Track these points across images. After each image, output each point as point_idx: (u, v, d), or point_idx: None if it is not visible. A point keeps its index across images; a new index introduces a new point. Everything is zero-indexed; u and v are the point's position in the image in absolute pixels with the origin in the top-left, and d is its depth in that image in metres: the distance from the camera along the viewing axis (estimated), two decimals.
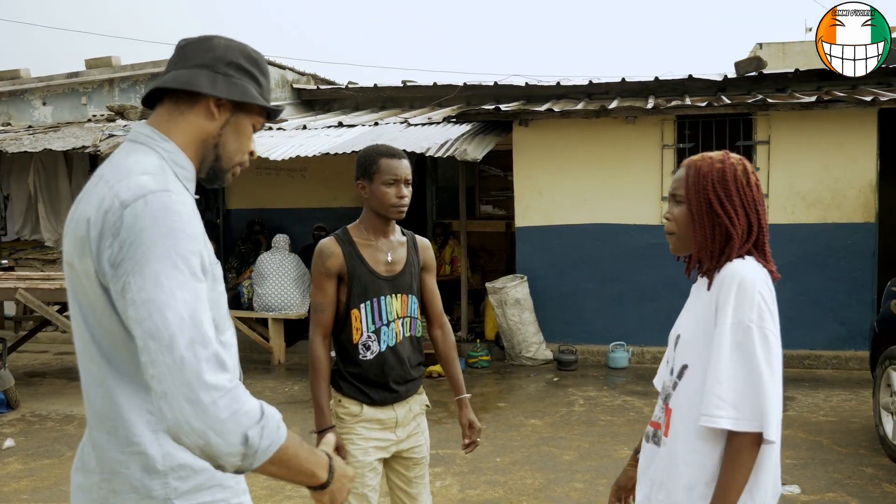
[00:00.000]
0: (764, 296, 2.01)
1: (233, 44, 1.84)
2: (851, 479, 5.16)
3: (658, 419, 2.21)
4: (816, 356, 8.31)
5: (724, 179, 2.09)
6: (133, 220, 1.57)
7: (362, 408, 3.03)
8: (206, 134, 1.80)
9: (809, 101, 7.89)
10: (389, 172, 2.99)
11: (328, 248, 3.03)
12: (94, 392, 1.70)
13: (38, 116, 13.00)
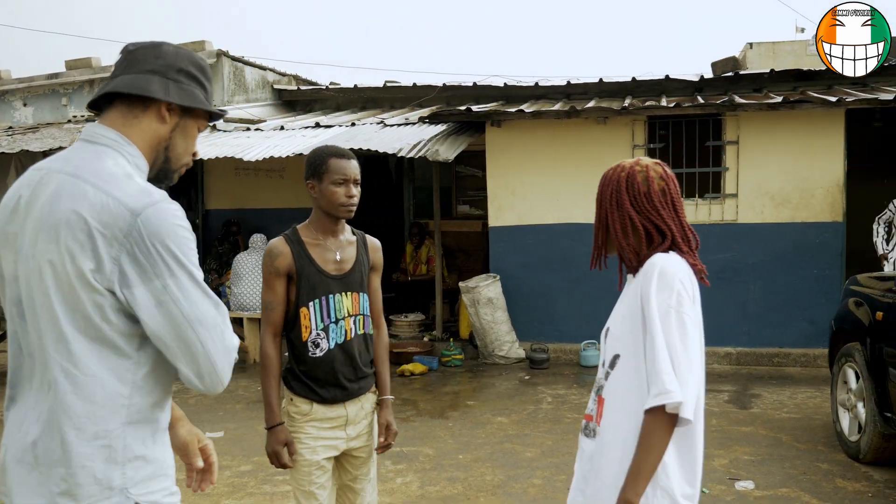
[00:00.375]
0: (683, 283, 2.11)
1: (181, 51, 1.94)
2: (806, 475, 5.24)
3: (591, 411, 2.27)
4: (786, 354, 8.40)
5: (619, 189, 2.25)
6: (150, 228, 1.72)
7: (312, 406, 3.06)
8: (158, 137, 1.90)
9: (776, 102, 7.97)
10: (338, 172, 3.03)
11: (277, 247, 3.07)
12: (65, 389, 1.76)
13: (18, 117, 13.02)
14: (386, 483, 5.25)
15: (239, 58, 12.11)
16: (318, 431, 3.07)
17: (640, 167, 2.27)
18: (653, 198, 2.23)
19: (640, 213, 2.23)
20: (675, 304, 2.07)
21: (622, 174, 2.26)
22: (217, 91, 11.80)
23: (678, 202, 2.26)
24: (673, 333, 2.05)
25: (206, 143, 9.45)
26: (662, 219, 2.22)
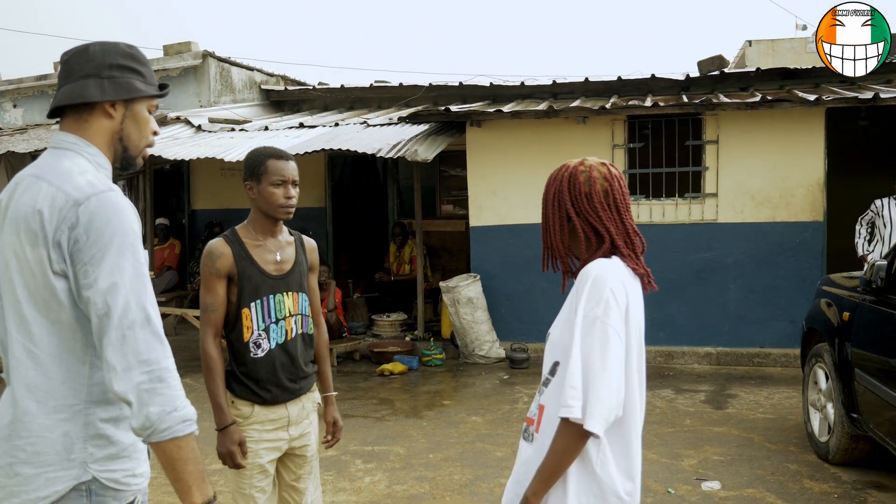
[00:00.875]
0: (615, 292, 2.08)
1: (108, 46, 2.05)
2: (774, 476, 5.23)
3: (532, 415, 2.26)
4: (766, 354, 8.39)
5: (561, 189, 2.24)
6: (88, 217, 1.85)
7: (254, 408, 3.06)
8: (111, 133, 2.04)
9: (755, 101, 7.96)
10: (276, 173, 3.04)
11: (217, 248, 3.07)
12: (27, 367, 1.92)
13: (8, 119, 13.04)
14: (354, 482, 5.26)
15: (225, 58, 12.13)
16: (260, 434, 3.07)
17: (583, 167, 2.24)
18: (593, 198, 2.20)
19: (580, 214, 2.21)
20: (602, 313, 2.05)
21: (565, 174, 2.25)
22: (203, 91, 11.82)
23: (622, 204, 2.23)
24: (593, 344, 2.04)
25: (190, 144, 9.45)
26: (601, 220, 2.19)
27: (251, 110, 12.13)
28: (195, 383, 8.03)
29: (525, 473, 2.21)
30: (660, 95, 9.57)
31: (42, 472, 1.90)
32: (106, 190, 1.89)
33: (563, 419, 2.04)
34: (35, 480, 1.91)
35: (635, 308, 2.16)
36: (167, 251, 11.45)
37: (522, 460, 2.25)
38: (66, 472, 1.91)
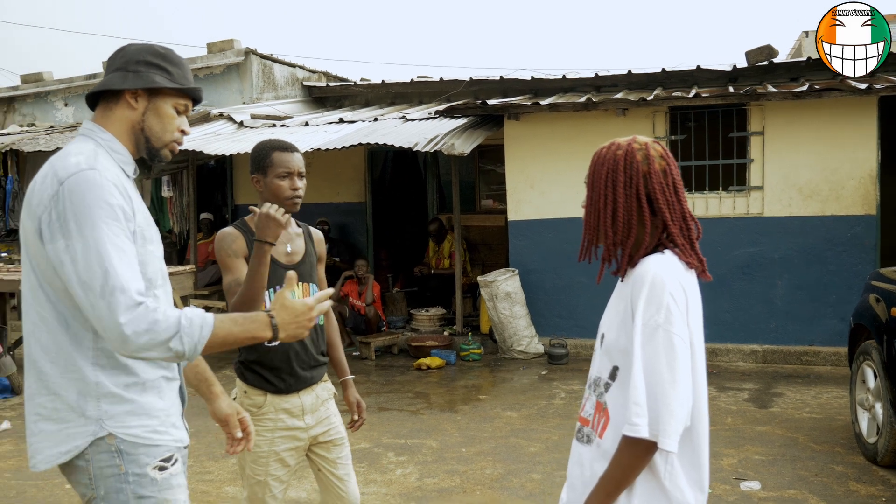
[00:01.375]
0: (674, 296, 1.93)
1: (142, 46, 2.24)
2: (818, 477, 5.03)
3: (588, 416, 2.12)
4: (815, 352, 8.13)
5: (616, 168, 2.02)
6: (66, 192, 1.97)
7: (266, 397, 3.05)
8: (132, 122, 2.19)
9: (802, 90, 7.71)
10: (282, 165, 3.01)
11: (231, 233, 3.06)
12: (41, 330, 2.06)
13: (60, 117, 13.30)
14: (385, 474, 5.21)
15: (268, 55, 12.19)
16: (275, 423, 3.06)
17: (638, 145, 2.05)
18: (651, 178, 2.00)
19: (636, 195, 2.01)
20: (664, 321, 1.90)
21: (618, 152, 2.04)
22: (246, 88, 11.90)
23: (679, 185, 2.04)
24: (658, 356, 1.89)
25: (231, 140, 9.51)
26: (659, 203, 2.00)
27: (293, 106, 12.18)
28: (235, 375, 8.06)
29: (579, 477, 2.09)
30: (705, 87, 9.33)
31: (61, 427, 2.05)
32: (88, 169, 2.01)
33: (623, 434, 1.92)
34: (56, 436, 2.05)
35: (694, 306, 2.00)
36: (211, 245, 11.53)
37: (579, 463, 2.11)
38: (84, 429, 2.04)
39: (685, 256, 2.02)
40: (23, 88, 13.66)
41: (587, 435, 2.09)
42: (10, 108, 13.78)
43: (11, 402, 7.35)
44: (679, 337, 1.90)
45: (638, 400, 1.89)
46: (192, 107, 2.30)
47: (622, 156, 2.03)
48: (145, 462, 2.08)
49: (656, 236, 2.02)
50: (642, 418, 1.88)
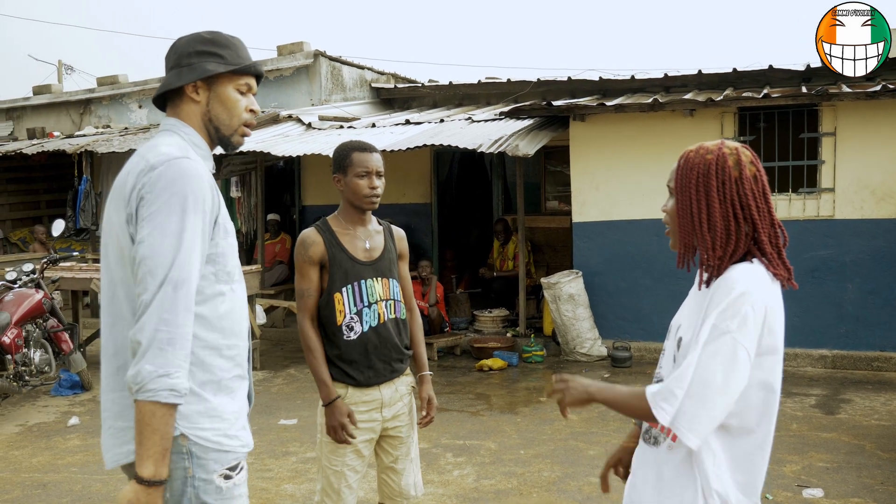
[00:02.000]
0: (754, 308, 1.91)
1: (190, 37, 2.23)
2: (883, 486, 4.93)
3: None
4: (886, 358, 7.91)
5: (707, 173, 2.00)
6: (156, 178, 1.98)
7: (347, 390, 3.18)
8: (199, 114, 2.21)
9: (875, 90, 7.52)
10: (361, 165, 3.19)
11: (310, 237, 3.23)
12: (117, 327, 2.07)
13: (134, 119, 13.74)
14: (442, 475, 5.27)
15: (336, 57, 12.39)
16: (354, 414, 3.17)
17: (728, 149, 2.02)
18: (743, 184, 1.98)
19: (728, 202, 1.99)
20: (736, 328, 1.88)
21: (709, 157, 2.01)
22: (315, 90, 12.12)
23: (768, 192, 2.02)
24: (716, 358, 1.88)
25: (299, 141, 9.70)
26: (751, 210, 1.99)
27: (361, 108, 12.34)
28: (299, 374, 8.24)
29: (643, 479, 2.11)
30: (778, 87, 9.15)
31: (132, 424, 1.98)
32: (182, 157, 2.03)
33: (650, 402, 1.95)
34: (126, 433, 2.03)
35: (775, 318, 1.97)
36: (278, 246, 11.79)
37: (643, 464, 2.13)
38: None
39: (773, 267, 1.99)
40: (99, 91, 14.12)
41: (654, 436, 2.10)
42: (87, 110, 14.28)
43: (81, 398, 7.62)
44: (745, 349, 1.88)
45: (675, 389, 1.91)
46: (257, 83, 2.28)
47: (713, 160, 2.00)
48: (213, 469, 2.06)
49: (745, 244, 2.00)
50: (671, 406, 1.90)
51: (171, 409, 1.90)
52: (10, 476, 5.46)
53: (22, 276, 7.36)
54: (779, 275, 1.99)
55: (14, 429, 6.62)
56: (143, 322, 1.90)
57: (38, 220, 13.75)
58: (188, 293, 1.95)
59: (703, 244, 2.01)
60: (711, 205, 1.98)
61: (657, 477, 2.06)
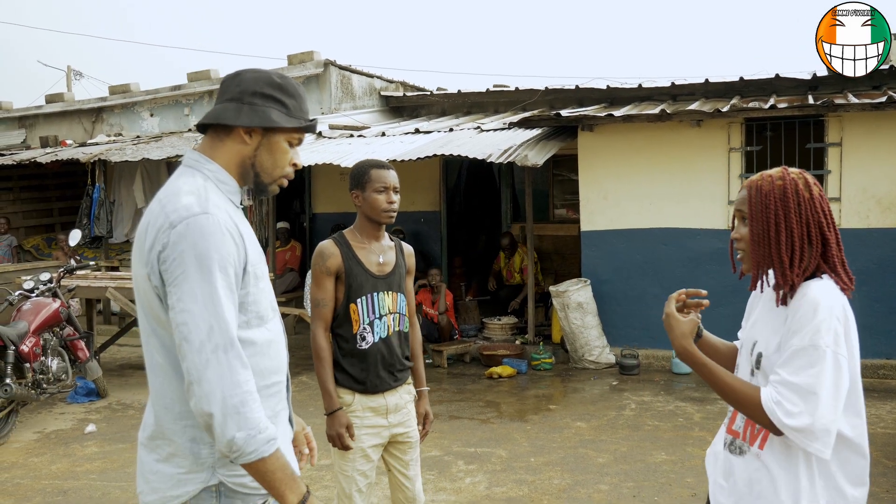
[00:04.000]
0: (839, 318, 2.08)
1: (259, 74, 2.12)
2: (888, 494, 5.02)
3: (739, 428, 2.29)
4: (893, 366, 7.99)
5: (784, 197, 2.17)
6: (177, 239, 1.92)
7: (355, 396, 3.35)
8: (242, 156, 2.11)
9: (881, 101, 7.60)
10: (379, 181, 3.35)
11: (328, 249, 3.38)
12: (154, 375, 2.06)
13: (146, 127, 13.87)
14: (454, 482, 5.36)
15: (346, 66, 12.50)
16: (362, 420, 3.34)
17: (795, 174, 2.21)
18: (815, 204, 2.17)
19: (807, 222, 2.17)
20: (832, 343, 2.05)
21: (781, 183, 2.19)
22: (325, 99, 12.23)
23: (830, 210, 2.21)
24: (827, 374, 2.04)
25: (310, 150, 9.80)
26: (821, 227, 2.17)
27: (371, 116, 12.46)
28: (311, 381, 8.34)
29: (724, 489, 2.28)
30: (784, 96, 9.24)
31: (176, 472, 2.03)
32: (200, 213, 1.94)
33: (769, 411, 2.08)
34: (170, 480, 2.04)
35: (853, 327, 2.14)
36: (288, 253, 11.90)
37: (728, 474, 2.29)
38: (196, 475, 2.03)
39: (841, 281, 2.16)
40: (111, 99, 14.27)
41: (739, 447, 2.26)
42: (99, 119, 14.43)
43: (97, 405, 7.73)
44: (845, 358, 2.06)
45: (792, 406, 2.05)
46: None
47: (786, 185, 2.18)
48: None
49: (816, 261, 2.16)
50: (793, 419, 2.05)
51: (275, 453, 1.95)
52: (31, 483, 5.58)
53: (39, 286, 7.48)
54: (846, 288, 2.16)
55: (32, 436, 6.74)
56: (207, 393, 1.89)
57: (50, 227, 13.92)
58: (238, 352, 1.94)
59: (779, 264, 2.17)
60: (790, 226, 2.16)
61: (747, 485, 2.22)
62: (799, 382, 2.06)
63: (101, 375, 7.84)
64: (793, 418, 2.04)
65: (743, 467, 2.23)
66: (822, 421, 2.03)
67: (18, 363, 6.66)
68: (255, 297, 2.06)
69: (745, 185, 2.26)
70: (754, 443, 2.22)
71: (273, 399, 2.14)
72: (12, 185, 13.60)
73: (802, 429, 2.04)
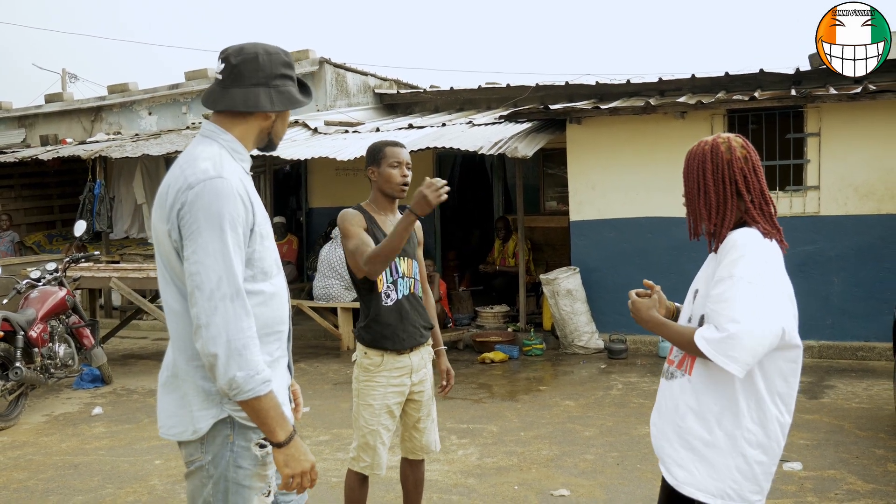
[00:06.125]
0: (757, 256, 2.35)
1: (273, 56, 2.36)
2: (858, 459, 5.29)
3: (675, 358, 2.61)
4: (870, 348, 8.28)
5: (704, 159, 2.46)
6: (194, 199, 2.15)
7: (384, 356, 3.64)
8: (263, 128, 2.40)
9: (856, 92, 7.90)
10: (393, 157, 3.67)
11: (354, 213, 3.66)
12: (171, 320, 2.29)
13: (144, 125, 14.11)
14: (447, 454, 5.63)
15: (341, 64, 12.77)
16: (388, 379, 3.65)
17: (721, 139, 2.49)
18: (733, 164, 2.44)
19: (722, 181, 2.44)
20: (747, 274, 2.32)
21: (705, 147, 2.49)
22: (320, 96, 12.49)
23: (759, 168, 2.48)
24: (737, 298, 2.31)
25: (306, 145, 10.06)
26: (739, 184, 2.44)
27: (365, 113, 12.72)
28: (308, 368, 8.62)
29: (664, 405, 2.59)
30: (768, 90, 9.53)
31: (189, 410, 2.26)
32: (215, 177, 2.18)
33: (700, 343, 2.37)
34: (186, 415, 2.27)
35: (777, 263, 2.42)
36: (285, 247, 12.14)
37: (666, 395, 2.60)
38: (207, 412, 2.25)
39: (764, 228, 2.44)
40: (109, 98, 14.51)
41: (672, 373, 2.59)
42: (98, 118, 14.66)
43: (102, 391, 8.00)
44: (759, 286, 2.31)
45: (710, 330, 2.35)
46: None
47: (708, 149, 2.49)
48: (251, 437, 2.28)
49: (736, 214, 2.46)
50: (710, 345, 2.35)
51: (269, 393, 2.18)
52: (43, 459, 5.83)
53: (45, 275, 7.74)
54: (769, 232, 2.44)
55: (41, 418, 6.99)
56: (214, 335, 2.12)
57: (51, 224, 14.16)
58: (243, 301, 2.16)
59: (703, 217, 2.49)
60: (707, 185, 2.46)
61: (675, 405, 2.53)
62: (718, 308, 2.35)
63: (105, 362, 8.08)
64: (713, 334, 2.33)
65: (675, 390, 2.54)
66: (740, 340, 2.29)
67: (27, 348, 6.91)
68: (260, 255, 2.29)
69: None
70: (683, 368, 2.53)
71: (273, 346, 2.36)
72: (14, 182, 13.84)
73: (720, 341, 2.31)
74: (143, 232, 13.02)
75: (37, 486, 5.26)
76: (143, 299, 8.73)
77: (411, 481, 3.93)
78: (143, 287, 8.90)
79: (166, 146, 10.88)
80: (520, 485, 5.02)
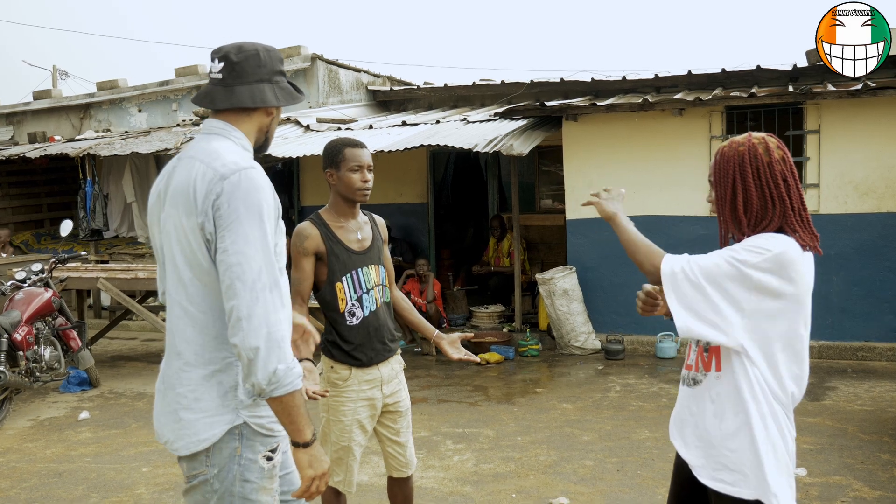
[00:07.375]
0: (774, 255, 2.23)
1: (271, 52, 2.38)
2: (863, 465, 5.17)
3: (692, 362, 2.48)
4: (871, 348, 8.17)
5: (742, 162, 2.31)
6: (231, 189, 2.13)
7: (351, 371, 3.43)
8: (263, 125, 2.40)
9: (856, 89, 7.78)
10: (353, 160, 3.40)
11: (306, 230, 3.42)
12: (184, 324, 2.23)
13: (134, 123, 13.93)
14: (443, 460, 5.49)
15: (333, 61, 12.61)
16: (358, 394, 3.44)
17: (757, 140, 2.34)
18: (774, 167, 2.29)
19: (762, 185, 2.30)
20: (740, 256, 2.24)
21: (741, 148, 2.33)
22: (312, 93, 12.34)
23: (795, 172, 2.34)
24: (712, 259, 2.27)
25: (298, 143, 9.91)
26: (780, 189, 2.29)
27: (358, 110, 12.57)
28: None
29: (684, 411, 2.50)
30: (765, 87, 9.40)
31: (201, 417, 2.20)
32: (248, 167, 2.18)
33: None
34: (195, 424, 2.20)
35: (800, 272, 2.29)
36: None
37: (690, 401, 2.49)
38: (222, 417, 2.20)
39: (801, 238, 2.31)
40: (98, 95, 14.30)
41: (693, 378, 2.46)
42: (87, 115, 14.47)
43: (89, 394, 7.81)
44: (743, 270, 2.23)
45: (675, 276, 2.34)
46: None
47: (745, 151, 2.33)
48: (258, 450, 2.24)
49: (777, 221, 2.31)
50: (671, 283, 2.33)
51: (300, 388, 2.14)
52: (27, 466, 5.68)
53: (31, 276, 7.57)
54: (806, 243, 2.31)
55: (26, 423, 6.83)
56: (255, 327, 2.06)
57: (40, 223, 13.96)
58: (283, 292, 2.16)
59: (739, 224, 2.34)
60: (748, 190, 2.30)
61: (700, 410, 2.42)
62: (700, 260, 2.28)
63: (93, 365, 7.91)
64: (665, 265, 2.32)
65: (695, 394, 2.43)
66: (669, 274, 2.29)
67: (12, 351, 6.74)
68: (280, 249, 2.26)
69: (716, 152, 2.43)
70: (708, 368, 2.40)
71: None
72: (1, 180, 13.63)
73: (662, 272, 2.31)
74: (132, 231, 12.82)
75: (19, 496, 5.10)
76: (131, 300, 8.55)
77: (400, 498, 3.75)
78: (131, 288, 8.72)
79: (156, 144, 10.70)
80: (518, 492, 4.89)
